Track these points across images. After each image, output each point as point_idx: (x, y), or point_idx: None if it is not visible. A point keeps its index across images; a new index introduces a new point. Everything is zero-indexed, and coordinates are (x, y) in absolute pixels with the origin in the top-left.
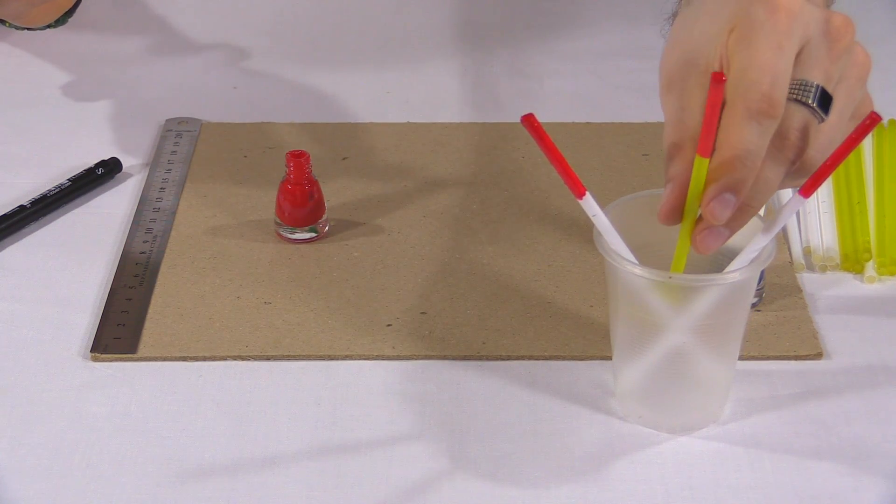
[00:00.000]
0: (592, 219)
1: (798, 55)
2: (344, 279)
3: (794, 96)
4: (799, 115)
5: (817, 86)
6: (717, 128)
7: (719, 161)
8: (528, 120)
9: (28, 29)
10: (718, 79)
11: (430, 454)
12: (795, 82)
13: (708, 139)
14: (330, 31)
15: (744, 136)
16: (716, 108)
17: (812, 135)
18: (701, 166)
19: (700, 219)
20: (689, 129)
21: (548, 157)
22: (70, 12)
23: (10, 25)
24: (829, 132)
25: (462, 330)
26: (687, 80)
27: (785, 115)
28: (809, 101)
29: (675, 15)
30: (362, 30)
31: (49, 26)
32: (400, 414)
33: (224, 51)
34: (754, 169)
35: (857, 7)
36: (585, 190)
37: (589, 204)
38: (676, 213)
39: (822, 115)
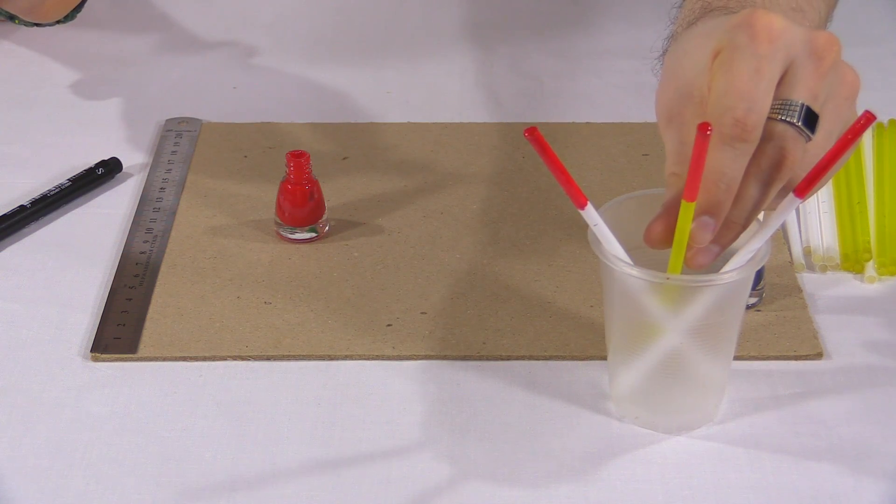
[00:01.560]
0: (593, 228)
1: (783, 76)
2: (344, 279)
3: (779, 116)
4: (782, 134)
5: (802, 104)
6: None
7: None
8: (532, 133)
9: (37, 25)
10: (704, 129)
11: (430, 454)
12: (779, 102)
13: (693, 185)
14: (330, 30)
15: (718, 159)
16: (702, 156)
17: (799, 155)
18: (687, 210)
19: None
20: (689, 160)
21: (550, 169)
22: (79, 7)
23: (20, 22)
24: (817, 152)
25: (462, 330)
26: (684, 113)
27: (769, 135)
28: (795, 121)
29: (664, 53)
30: (363, 29)
31: (58, 22)
32: (400, 414)
33: (224, 51)
34: (730, 191)
35: (857, 7)
36: (587, 200)
37: (590, 214)
38: (665, 236)
39: (809, 134)
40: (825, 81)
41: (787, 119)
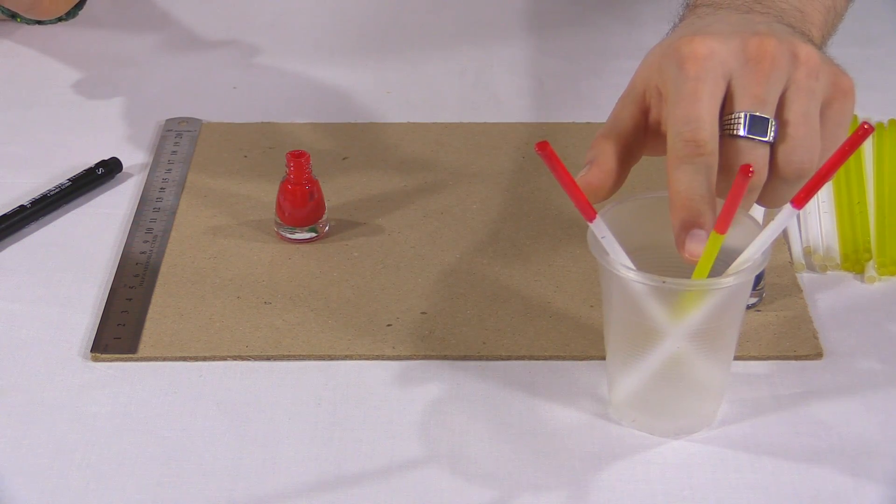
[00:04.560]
0: (601, 240)
1: (728, 91)
2: (344, 279)
3: (727, 132)
4: (735, 148)
5: (745, 114)
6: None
7: (674, 206)
8: (543, 148)
9: (39, 22)
10: (746, 171)
11: (430, 454)
12: (727, 118)
13: (726, 219)
14: (330, 30)
15: (681, 178)
16: (739, 195)
17: (760, 162)
18: (715, 241)
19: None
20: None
21: (560, 183)
22: (80, 4)
23: (22, 20)
24: (801, 136)
25: (462, 330)
26: (637, 105)
27: (725, 152)
28: (740, 133)
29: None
30: (363, 29)
31: (60, 19)
32: (400, 414)
33: (224, 51)
34: (706, 201)
35: (857, 7)
36: (596, 213)
37: (599, 226)
38: (592, 193)
39: (761, 139)
40: (772, 78)
41: (734, 133)
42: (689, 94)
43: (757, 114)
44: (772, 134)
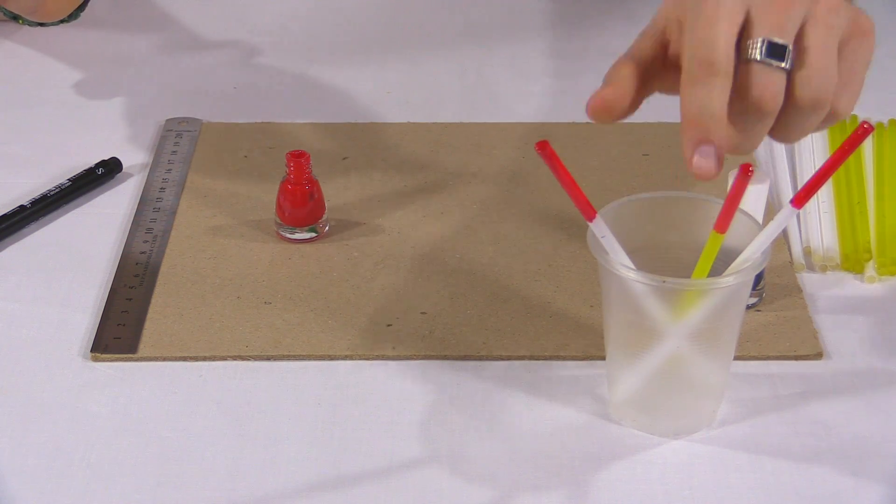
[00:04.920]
0: (601, 240)
1: (746, 20)
2: (344, 279)
3: (746, 56)
4: (751, 72)
5: (762, 39)
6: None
7: (683, 125)
8: (543, 148)
9: (41, 24)
10: (745, 170)
11: (430, 454)
12: (745, 44)
13: (726, 218)
14: (330, 30)
15: (692, 98)
16: (739, 192)
17: (774, 86)
18: (715, 240)
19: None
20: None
21: (560, 183)
22: (82, 7)
23: (24, 22)
24: (818, 65)
25: (462, 330)
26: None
27: (742, 77)
28: (757, 57)
29: None
30: (363, 30)
31: (62, 21)
32: (400, 414)
33: (225, 51)
34: (717, 120)
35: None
36: (596, 213)
37: (599, 226)
38: (606, 110)
39: (778, 64)
40: (792, 10)
41: (751, 57)
42: (707, 19)
43: (775, 40)
44: (789, 60)
